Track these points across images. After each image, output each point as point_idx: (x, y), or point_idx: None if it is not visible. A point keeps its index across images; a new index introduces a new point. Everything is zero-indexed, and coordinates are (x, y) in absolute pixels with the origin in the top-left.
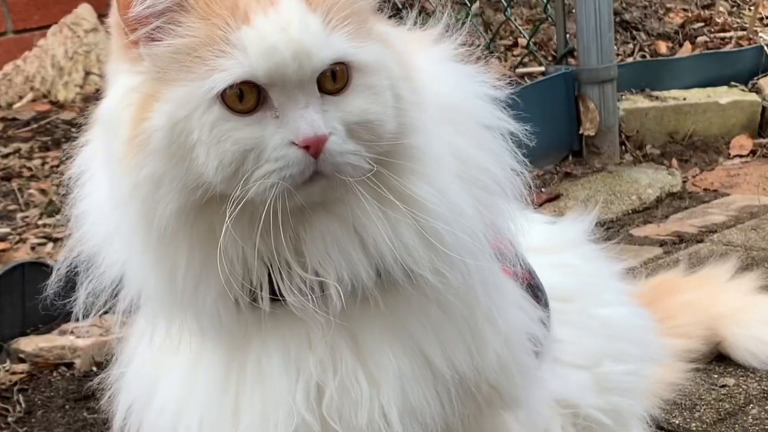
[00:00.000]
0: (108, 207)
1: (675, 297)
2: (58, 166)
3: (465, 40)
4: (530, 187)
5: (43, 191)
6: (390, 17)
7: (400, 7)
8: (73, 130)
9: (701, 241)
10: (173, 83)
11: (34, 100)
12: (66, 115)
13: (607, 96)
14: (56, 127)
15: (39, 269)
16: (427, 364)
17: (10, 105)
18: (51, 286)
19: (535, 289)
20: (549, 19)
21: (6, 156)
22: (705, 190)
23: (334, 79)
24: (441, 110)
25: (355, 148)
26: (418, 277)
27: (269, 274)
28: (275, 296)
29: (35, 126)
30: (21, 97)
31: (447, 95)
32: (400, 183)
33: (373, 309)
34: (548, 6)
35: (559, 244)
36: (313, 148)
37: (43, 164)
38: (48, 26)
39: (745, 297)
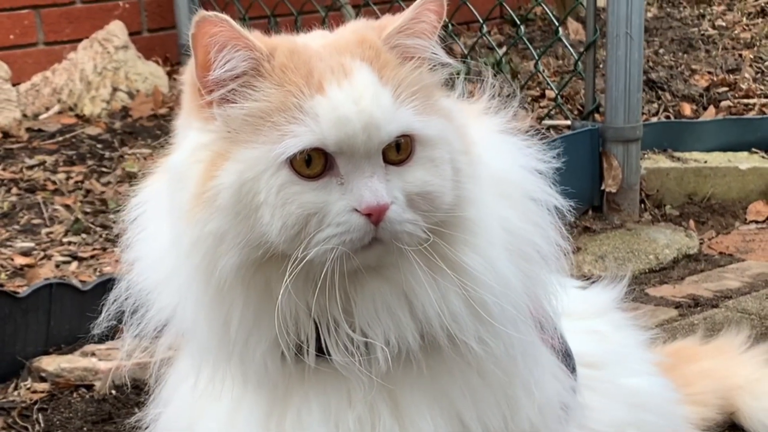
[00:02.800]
0: (166, 254)
1: (692, 365)
2: (82, 181)
3: (497, 89)
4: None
5: (67, 207)
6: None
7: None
8: (99, 146)
9: (716, 306)
10: (244, 144)
11: (60, 113)
12: (91, 130)
13: (631, 155)
14: (81, 142)
15: (66, 289)
16: (462, 428)
17: (36, 116)
18: (99, 326)
19: (564, 355)
20: (579, 74)
21: (31, 168)
22: (721, 253)
23: (398, 151)
24: (494, 183)
25: (413, 217)
26: (461, 344)
27: (317, 331)
28: (321, 353)
29: (60, 139)
30: (47, 109)
31: (500, 169)
32: (452, 252)
33: (414, 371)
34: (579, 62)
35: (589, 310)
36: (375, 216)
37: (67, 179)
38: (79, 40)
39: (760, 369)
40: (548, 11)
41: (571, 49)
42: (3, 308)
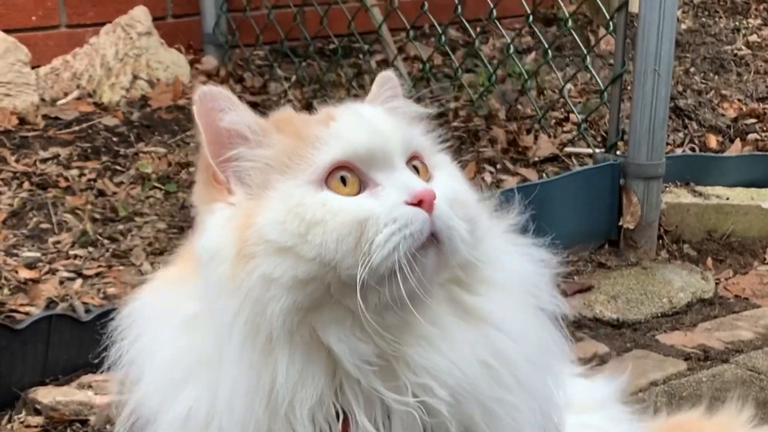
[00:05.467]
0: (178, 356)
1: None
2: (95, 179)
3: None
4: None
5: (77, 213)
6: None
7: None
8: (114, 139)
9: (726, 360)
10: (274, 185)
11: (78, 98)
12: (109, 121)
13: (651, 192)
14: (97, 134)
15: (66, 320)
16: None
17: (54, 101)
18: None
19: None
20: (605, 104)
21: (45, 161)
22: (736, 296)
23: (419, 172)
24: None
25: (458, 219)
26: None
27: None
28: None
29: (77, 128)
30: (66, 94)
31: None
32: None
33: None
34: (606, 92)
35: (588, 403)
36: (427, 202)
37: (80, 175)
38: (102, 24)
39: None
40: (576, 37)
41: (597, 77)
42: (1, 340)
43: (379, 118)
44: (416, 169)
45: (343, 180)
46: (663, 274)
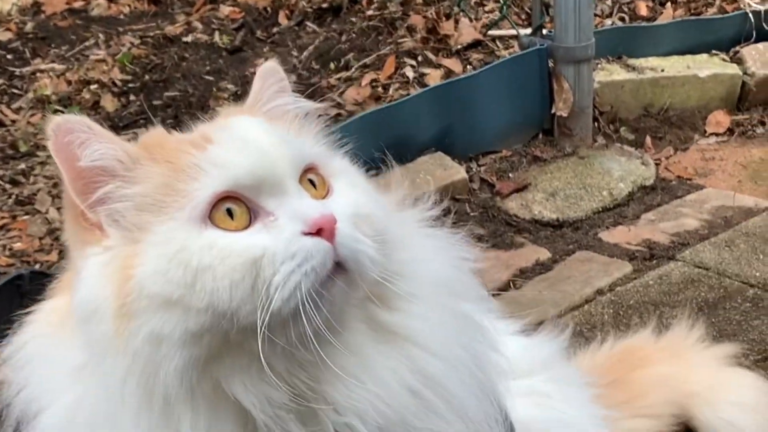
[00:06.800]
0: (79, 410)
1: (644, 370)
2: None
3: None
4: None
5: None
6: None
7: None
8: (9, 56)
9: (672, 257)
10: (153, 227)
11: None
12: (1, 35)
13: (582, 76)
14: None
15: None
16: None
17: None
18: None
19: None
20: None
21: None
22: (678, 177)
23: (315, 187)
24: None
25: (363, 237)
26: None
27: None
28: None
29: None
30: None
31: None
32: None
33: None
34: None
35: (529, 366)
36: (327, 230)
37: None
38: None
39: (716, 373)
40: None
41: None
42: None
43: (261, 134)
44: (312, 183)
45: (230, 213)
46: (601, 163)
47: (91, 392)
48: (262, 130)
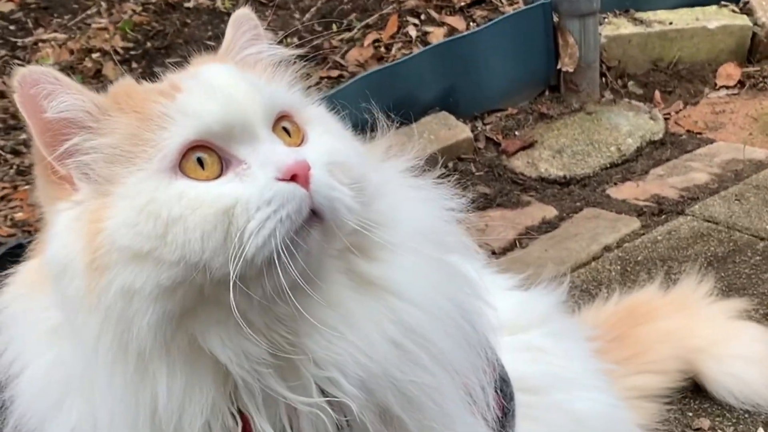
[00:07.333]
0: (56, 370)
1: (650, 325)
2: None
3: None
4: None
5: None
6: None
7: None
8: (11, 28)
9: (681, 212)
10: (122, 179)
11: None
12: (3, 6)
13: (588, 30)
14: None
15: None
16: None
17: None
18: None
19: (501, 381)
20: None
21: None
22: (688, 131)
23: (290, 135)
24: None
25: (340, 186)
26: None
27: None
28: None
29: None
30: None
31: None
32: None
33: None
34: None
35: (526, 320)
36: (302, 176)
37: None
38: None
39: (723, 327)
40: None
41: None
42: None
43: (231, 80)
44: (286, 131)
45: (201, 162)
46: (609, 119)
47: (66, 351)
48: (232, 77)
